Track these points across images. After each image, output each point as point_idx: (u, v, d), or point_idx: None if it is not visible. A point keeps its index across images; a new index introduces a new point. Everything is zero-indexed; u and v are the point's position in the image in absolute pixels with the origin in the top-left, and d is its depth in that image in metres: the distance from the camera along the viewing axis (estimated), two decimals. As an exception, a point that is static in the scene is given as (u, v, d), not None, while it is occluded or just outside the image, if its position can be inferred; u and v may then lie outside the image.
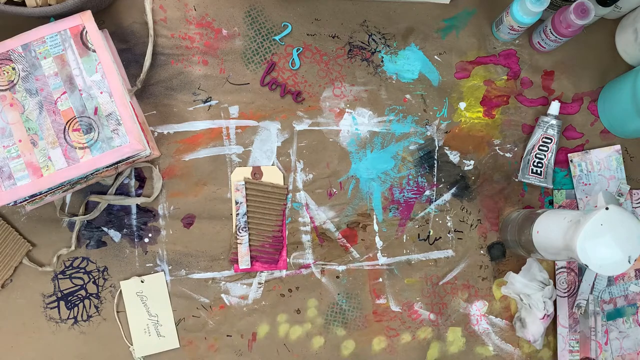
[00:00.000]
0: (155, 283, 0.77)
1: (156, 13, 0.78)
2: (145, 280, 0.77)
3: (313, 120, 0.79)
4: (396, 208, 0.79)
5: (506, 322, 0.79)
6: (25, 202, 0.70)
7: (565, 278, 0.79)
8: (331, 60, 0.80)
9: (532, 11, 0.71)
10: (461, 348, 0.79)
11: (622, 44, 0.81)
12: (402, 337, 0.78)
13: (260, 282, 0.78)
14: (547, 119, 0.79)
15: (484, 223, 0.80)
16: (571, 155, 0.81)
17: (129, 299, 0.77)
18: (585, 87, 0.82)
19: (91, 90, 0.69)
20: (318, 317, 0.78)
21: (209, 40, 0.79)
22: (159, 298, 0.77)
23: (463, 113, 0.81)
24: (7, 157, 0.68)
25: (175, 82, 0.78)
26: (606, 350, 0.79)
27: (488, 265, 0.80)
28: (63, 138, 0.68)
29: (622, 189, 0.80)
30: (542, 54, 0.82)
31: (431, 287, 0.79)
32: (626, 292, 0.80)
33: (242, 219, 0.77)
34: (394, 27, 0.81)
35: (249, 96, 0.79)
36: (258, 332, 0.77)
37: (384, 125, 0.80)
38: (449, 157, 0.80)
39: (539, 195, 0.81)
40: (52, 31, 0.69)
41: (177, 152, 0.78)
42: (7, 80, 0.68)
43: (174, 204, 0.77)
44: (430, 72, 0.81)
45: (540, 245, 0.69)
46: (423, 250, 0.79)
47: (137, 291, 0.77)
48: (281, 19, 0.80)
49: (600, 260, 0.60)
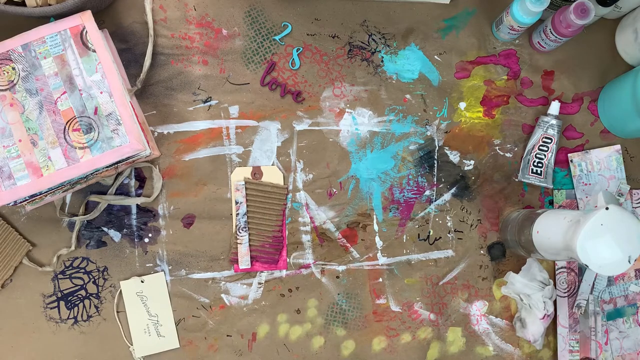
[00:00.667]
0: (155, 283, 0.77)
1: (156, 13, 0.78)
2: (145, 280, 0.77)
3: (313, 120, 0.79)
4: (396, 208, 0.79)
5: (506, 322, 0.79)
6: (25, 202, 0.70)
7: (565, 278, 0.79)
8: (331, 60, 0.80)
9: (532, 11, 0.71)
10: (461, 348, 0.79)
11: (622, 44, 0.81)
12: (402, 337, 0.78)
13: (260, 282, 0.78)
14: (547, 119, 0.79)
15: (484, 223, 0.80)
16: (571, 155, 0.81)
17: (128, 299, 0.77)
18: (585, 87, 0.82)
19: (91, 90, 0.69)
20: (318, 317, 0.78)
21: (209, 40, 0.79)
22: (159, 298, 0.77)
23: (463, 113, 0.81)
24: (7, 157, 0.68)
25: (175, 82, 0.78)
26: (606, 350, 0.79)
27: (488, 265, 0.80)
28: (63, 138, 0.68)
29: (622, 189, 0.80)
30: (542, 54, 0.82)
31: (431, 287, 0.79)
32: (626, 292, 0.80)
33: (242, 219, 0.77)
34: (394, 27, 0.81)
35: (249, 96, 0.79)
36: (258, 332, 0.77)
37: (384, 125, 0.80)
38: (449, 157, 0.80)
39: (539, 195, 0.81)
40: (52, 31, 0.69)
41: (177, 152, 0.78)
42: (7, 80, 0.68)
43: (174, 204, 0.77)
44: (430, 72, 0.81)
45: (540, 245, 0.69)
46: (423, 250, 0.79)
47: (137, 291, 0.77)
48: (281, 18, 0.80)
49: (600, 260, 0.60)
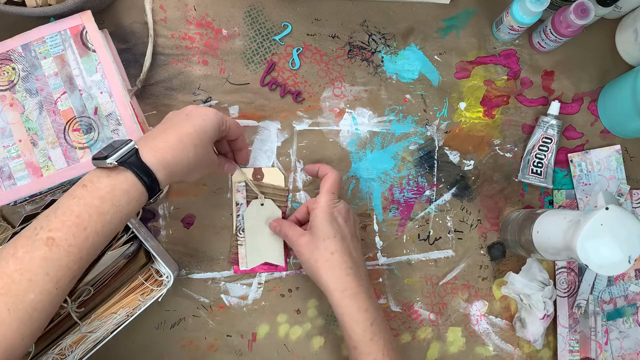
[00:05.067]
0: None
1: (156, 13, 0.78)
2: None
3: (313, 120, 0.79)
4: (396, 208, 0.79)
5: (506, 322, 0.79)
6: (25, 202, 0.70)
7: (565, 278, 0.79)
8: (331, 60, 0.80)
9: (532, 11, 0.71)
10: (461, 348, 0.79)
11: (622, 44, 0.81)
12: (402, 337, 0.78)
13: (260, 283, 0.78)
14: (547, 119, 0.79)
15: (484, 223, 0.80)
16: (571, 155, 0.81)
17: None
18: (585, 87, 0.82)
19: (91, 90, 0.69)
20: (318, 317, 0.78)
21: (209, 40, 0.79)
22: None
23: (463, 113, 0.81)
24: (7, 157, 0.68)
25: (175, 82, 0.78)
26: (606, 351, 0.79)
27: (488, 265, 0.80)
28: (63, 138, 0.68)
29: (622, 189, 0.80)
30: (542, 54, 0.82)
31: (431, 287, 0.79)
32: (626, 292, 0.80)
33: (242, 220, 0.77)
34: (394, 27, 0.81)
35: (249, 96, 0.79)
36: (258, 332, 0.77)
37: (384, 125, 0.80)
38: (449, 157, 0.80)
39: (539, 195, 0.81)
40: (52, 31, 0.69)
41: (177, 152, 0.78)
42: (7, 80, 0.68)
43: (174, 204, 0.77)
44: (430, 72, 0.81)
45: (540, 245, 0.69)
46: (423, 250, 0.79)
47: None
48: (281, 18, 0.80)
49: (600, 260, 0.60)
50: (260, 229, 0.77)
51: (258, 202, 0.76)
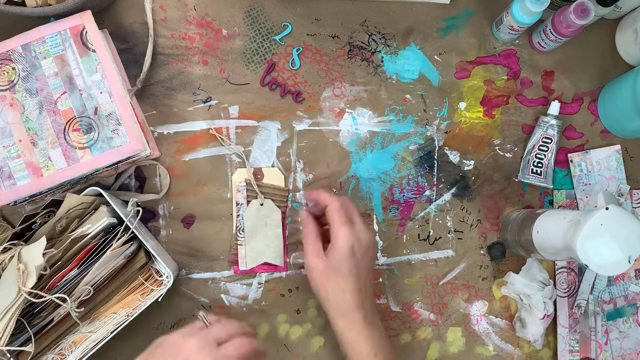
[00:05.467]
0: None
1: (156, 13, 0.78)
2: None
3: (313, 120, 0.79)
4: (396, 208, 0.79)
5: (506, 322, 0.79)
6: (25, 202, 0.70)
7: (565, 278, 0.79)
8: (331, 60, 0.80)
9: (532, 11, 0.71)
10: (461, 348, 0.79)
11: (622, 44, 0.81)
12: (402, 337, 0.78)
13: (260, 282, 0.78)
14: (547, 119, 0.79)
15: (484, 223, 0.80)
16: (571, 155, 0.81)
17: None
18: (585, 87, 0.82)
19: (91, 90, 0.69)
20: (318, 317, 0.78)
21: (209, 40, 0.79)
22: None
23: (463, 113, 0.81)
24: (7, 157, 0.68)
25: (175, 82, 0.78)
26: (606, 351, 0.79)
27: (488, 265, 0.80)
28: (63, 138, 0.68)
29: (622, 189, 0.80)
30: (542, 54, 0.82)
31: (431, 287, 0.79)
32: (626, 292, 0.80)
33: (242, 220, 0.77)
34: (394, 27, 0.81)
35: (249, 96, 0.79)
36: (258, 332, 0.77)
37: (384, 125, 0.80)
38: (449, 157, 0.80)
39: (539, 195, 0.81)
40: (52, 31, 0.69)
41: (177, 152, 0.78)
42: (7, 80, 0.68)
43: (174, 204, 0.77)
44: (430, 72, 0.81)
45: (540, 245, 0.69)
46: (423, 250, 0.79)
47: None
48: (281, 18, 0.80)
49: (600, 260, 0.60)
50: (260, 229, 0.77)
51: (258, 202, 0.76)
